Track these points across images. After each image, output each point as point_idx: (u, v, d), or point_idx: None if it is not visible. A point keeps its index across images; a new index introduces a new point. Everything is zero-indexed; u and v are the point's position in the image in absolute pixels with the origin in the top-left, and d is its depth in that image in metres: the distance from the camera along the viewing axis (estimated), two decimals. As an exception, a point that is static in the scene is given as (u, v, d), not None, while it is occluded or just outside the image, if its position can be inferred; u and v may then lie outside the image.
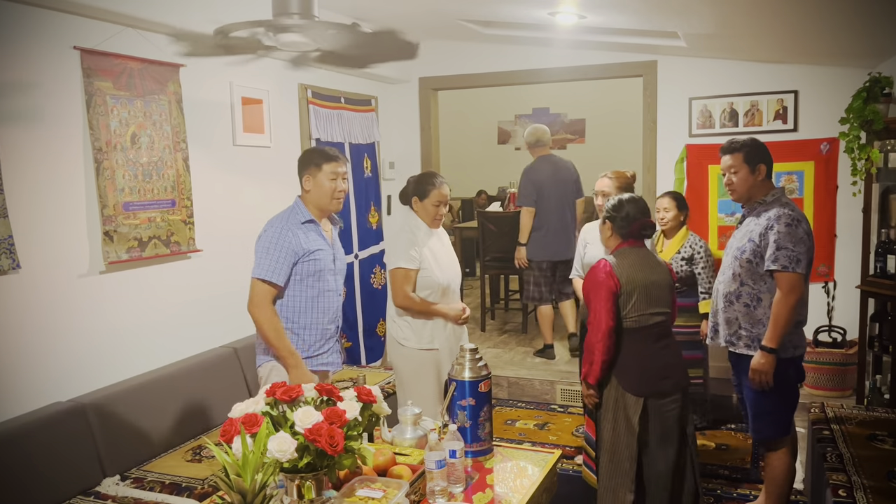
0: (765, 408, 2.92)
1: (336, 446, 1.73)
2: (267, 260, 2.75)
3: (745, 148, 2.91)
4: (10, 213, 2.75)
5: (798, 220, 2.80)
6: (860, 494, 2.54)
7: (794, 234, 2.77)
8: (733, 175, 2.94)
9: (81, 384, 3.05)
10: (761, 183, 2.93)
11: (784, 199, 2.90)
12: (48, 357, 2.95)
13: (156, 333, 3.46)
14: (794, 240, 2.76)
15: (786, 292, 2.77)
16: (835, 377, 4.60)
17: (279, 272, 2.75)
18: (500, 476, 2.33)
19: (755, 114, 4.86)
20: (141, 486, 2.84)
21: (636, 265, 2.78)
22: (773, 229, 2.79)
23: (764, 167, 2.92)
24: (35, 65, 2.88)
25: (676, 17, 3.92)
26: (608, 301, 2.70)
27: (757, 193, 2.94)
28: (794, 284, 2.76)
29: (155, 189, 3.41)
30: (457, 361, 2.50)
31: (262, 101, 4.19)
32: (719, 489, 3.60)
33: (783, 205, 2.86)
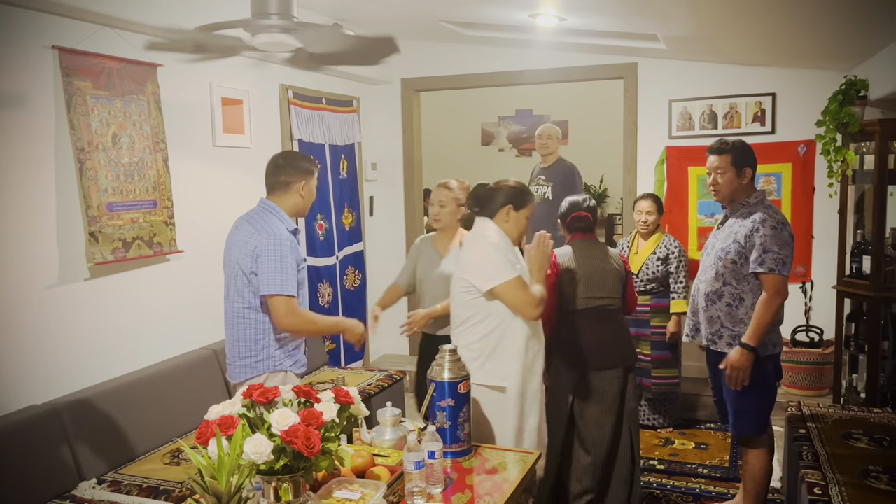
0: (745, 406, 2.96)
1: (313, 448, 1.73)
2: (284, 275, 2.59)
3: (734, 150, 2.94)
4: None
5: (782, 223, 2.85)
6: (835, 492, 2.58)
7: (780, 238, 2.81)
8: (719, 176, 2.96)
9: (59, 387, 3.02)
10: (745, 186, 2.96)
11: (767, 201, 2.95)
12: (24, 359, 2.92)
13: (135, 335, 3.43)
14: (779, 243, 2.80)
15: (772, 294, 2.81)
16: (812, 376, 4.66)
17: (295, 284, 2.63)
18: (479, 477, 2.34)
19: (734, 116, 4.91)
20: (118, 489, 2.82)
21: (581, 256, 3.09)
22: (759, 232, 2.82)
23: (750, 171, 2.95)
24: (12, 64, 2.85)
25: (656, 20, 3.95)
26: (551, 287, 2.95)
27: (740, 195, 2.97)
28: (779, 287, 2.81)
29: (137, 189, 3.38)
30: (436, 362, 2.50)
31: (243, 102, 4.18)
32: (698, 488, 3.63)
33: (767, 207, 2.90)
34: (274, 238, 2.60)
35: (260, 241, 2.60)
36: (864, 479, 2.68)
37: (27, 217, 2.92)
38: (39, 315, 2.98)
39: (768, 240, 2.80)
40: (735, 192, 2.97)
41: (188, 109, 3.77)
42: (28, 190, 2.93)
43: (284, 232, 2.65)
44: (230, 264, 2.71)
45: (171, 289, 3.64)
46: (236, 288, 2.67)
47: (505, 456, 2.50)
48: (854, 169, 4.21)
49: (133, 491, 2.79)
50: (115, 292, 3.33)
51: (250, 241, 2.63)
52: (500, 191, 2.77)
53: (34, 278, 2.96)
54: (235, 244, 2.69)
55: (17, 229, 2.89)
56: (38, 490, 2.70)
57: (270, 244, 2.59)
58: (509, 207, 2.73)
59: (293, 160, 2.82)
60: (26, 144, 2.92)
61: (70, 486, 2.81)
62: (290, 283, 2.59)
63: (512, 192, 2.77)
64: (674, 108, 5.04)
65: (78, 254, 3.12)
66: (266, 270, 2.57)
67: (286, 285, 2.58)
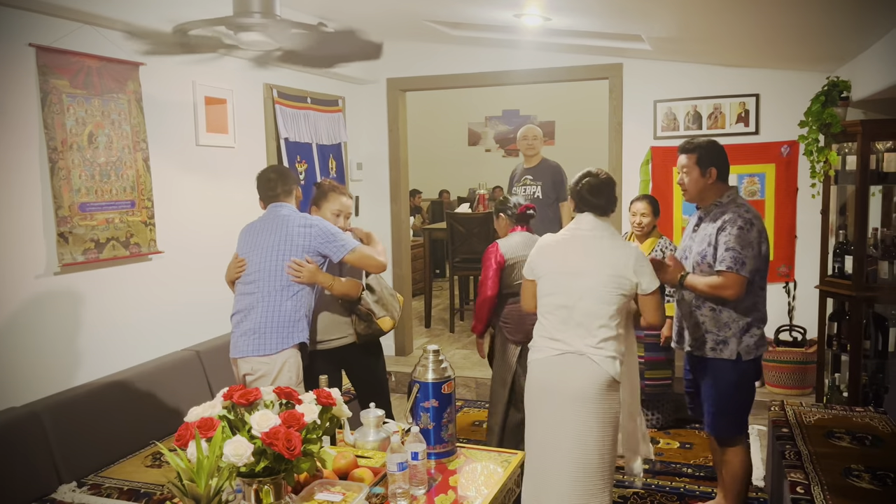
0: (726, 407, 2.96)
1: (293, 450, 1.71)
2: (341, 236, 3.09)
3: (699, 150, 2.93)
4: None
5: (751, 222, 2.83)
6: (817, 491, 2.59)
7: (745, 238, 2.80)
8: (685, 175, 2.98)
9: (37, 389, 2.98)
10: (713, 185, 2.94)
11: (739, 200, 2.93)
12: (1, 362, 2.87)
13: (115, 336, 3.39)
14: (742, 243, 2.80)
15: (725, 285, 2.80)
16: (795, 375, 4.69)
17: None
18: (462, 478, 2.33)
19: (718, 116, 4.94)
20: (98, 492, 2.78)
21: (520, 245, 3.56)
22: (725, 231, 2.83)
23: (714, 171, 2.92)
24: (-11, 62, 2.81)
25: (640, 21, 3.97)
26: (495, 273, 3.54)
27: (710, 195, 2.96)
28: (732, 283, 2.79)
29: (113, 189, 3.34)
30: (420, 363, 2.49)
31: (226, 101, 4.14)
32: (682, 487, 3.64)
33: (738, 206, 2.89)
34: (320, 221, 3.07)
35: (316, 228, 3.01)
36: (846, 477, 2.69)
37: (5, 216, 2.88)
38: (15, 316, 2.94)
39: (732, 239, 2.80)
40: (703, 191, 2.96)
41: (171, 109, 3.73)
42: (5, 189, 2.89)
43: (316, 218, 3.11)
44: (272, 251, 2.99)
45: (152, 290, 3.61)
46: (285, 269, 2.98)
47: (489, 457, 2.50)
48: (836, 169, 4.24)
49: (113, 494, 2.76)
50: (94, 293, 3.29)
51: (303, 232, 3.00)
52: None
53: (7, 279, 2.91)
54: (280, 238, 2.99)
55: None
56: (16, 493, 2.66)
57: (322, 225, 3.04)
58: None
59: (286, 171, 3.22)
60: (5, 143, 2.87)
61: (49, 489, 2.78)
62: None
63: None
64: (659, 108, 5.05)
65: (51, 254, 3.07)
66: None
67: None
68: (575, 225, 2.79)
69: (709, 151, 2.93)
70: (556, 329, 2.69)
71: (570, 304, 2.67)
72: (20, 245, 2.96)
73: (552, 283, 2.73)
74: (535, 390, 2.73)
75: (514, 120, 10.36)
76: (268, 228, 3.05)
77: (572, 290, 2.67)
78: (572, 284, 2.68)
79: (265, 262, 2.99)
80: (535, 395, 2.74)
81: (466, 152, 10.61)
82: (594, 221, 2.75)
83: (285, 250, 2.98)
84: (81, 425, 2.97)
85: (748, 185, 4.89)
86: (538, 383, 2.72)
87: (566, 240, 2.79)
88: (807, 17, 3.42)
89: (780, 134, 4.80)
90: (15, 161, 2.93)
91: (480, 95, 9.57)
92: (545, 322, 2.74)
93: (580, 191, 2.76)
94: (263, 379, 2.90)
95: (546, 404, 2.68)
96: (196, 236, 3.88)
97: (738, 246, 2.79)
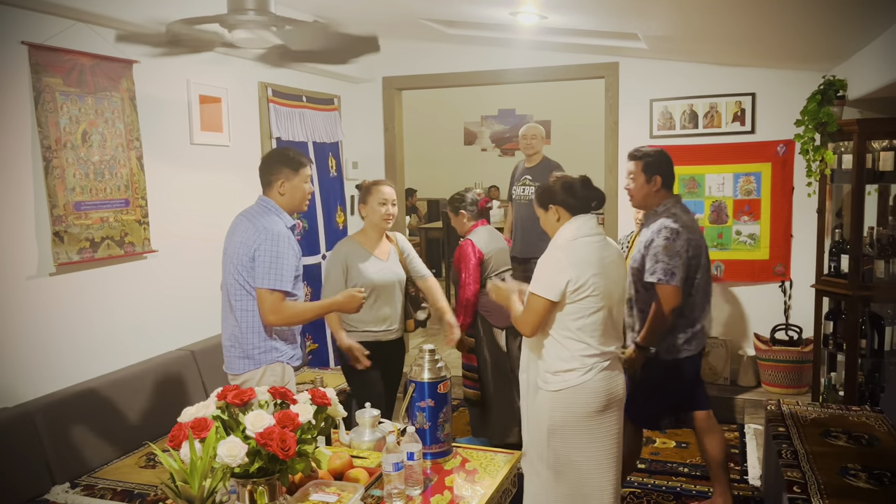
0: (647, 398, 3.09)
1: (288, 450, 1.70)
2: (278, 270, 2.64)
3: (645, 158, 3.08)
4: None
5: (678, 232, 2.94)
6: (814, 490, 2.58)
7: (671, 248, 2.92)
8: (631, 181, 3.12)
9: (30, 389, 2.95)
10: (656, 193, 3.08)
11: (673, 209, 3.04)
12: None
13: (109, 336, 3.37)
14: (669, 253, 2.91)
15: (661, 303, 2.94)
16: (791, 375, 4.68)
17: (290, 279, 2.69)
18: (458, 478, 2.32)
19: (714, 115, 4.93)
20: (92, 493, 2.76)
21: (489, 239, 3.89)
22: (654, 242, 2.96)
23: (659, 178, 3.06)
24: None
25: (636, 19, 3.96)
26: (475, 268, 3.78)
27: (652, 202, 3.10)
28: (668, 296, 2.92)
29: (108, 188, 3.32)
30: (415, 363, 2.48)
31: (221, 100, 4.12)
32: (679, 486, 3.64)
33: (669, 216, 3.00)
34: (270, 234, 2.65)
35: (257, 238, 2.65)
36: (843, 476, 2.69)
37: None
38: (9, 316, 2.92)
39: (660, 250, 2.93)
40: (646, 198, 3.09)
41: (165, 107, 3.71)
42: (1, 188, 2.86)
43: (282, 228, 2.70)
44: (230, 259, 2.73)
45: (146, 289, 3.58)
46: (236, 282, 2.70)
47: (485, 457, 2.48)
48: (833, 168, 4.24)
49: (107, 495, 2.74)
50: (88, 292, 3.27)
51: (249, 237, 2.68)
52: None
53: (3, 279, 2.89)
54: (235, 240, 2.73)
55: (-13, 228, 2.82)
56: (9, 494, 2.64)
57: (267, 240, 2.64)
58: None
59: (277, 157, 2.86)
60: None
61: (42, 490, 2.76)
62: (285, 279, 2.65)
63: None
64: (655, 107, 5.05)
65: (45, 254, 3.05)
66: (260, 265, 2.63)
67: (278, 280, 2.63)
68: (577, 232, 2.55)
69: (654, 159, 3.08)
70: (599, 342, 2.52)
71: (613, 313, 2.56)
72: (14, 244, 2.93)
73: (599, 299, 2.48)
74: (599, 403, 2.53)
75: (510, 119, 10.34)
76: (237, 233, 2.75)
77: (613, 298, 2.54)
78: (613, 292, 2.54)
79: (224, 269, 2.77)
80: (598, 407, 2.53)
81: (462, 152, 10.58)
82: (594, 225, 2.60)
83: (231, 257, 2.72)
84: (75, 426, 2.94)
85: (744, 185, 4.89)
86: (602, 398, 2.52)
87: (589, 247, 2.53)
88: (803, 16, 3.41)
89: (776, 133, 4.79)
90: (8, 160, 2.90)
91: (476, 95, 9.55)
92: (589, 340, 2.50)
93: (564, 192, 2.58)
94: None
95: (609, 416, 2.57)
96: (190, 235, 3.86)
97: (665, 257, 2.92)
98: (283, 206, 2.78)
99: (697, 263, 3.00)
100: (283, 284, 2.64)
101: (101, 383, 3.16)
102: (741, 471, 3.83)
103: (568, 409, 2.50)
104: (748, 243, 4.92)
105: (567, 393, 2.50)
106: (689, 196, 4.99)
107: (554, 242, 2.59)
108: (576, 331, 2.48)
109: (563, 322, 2.49)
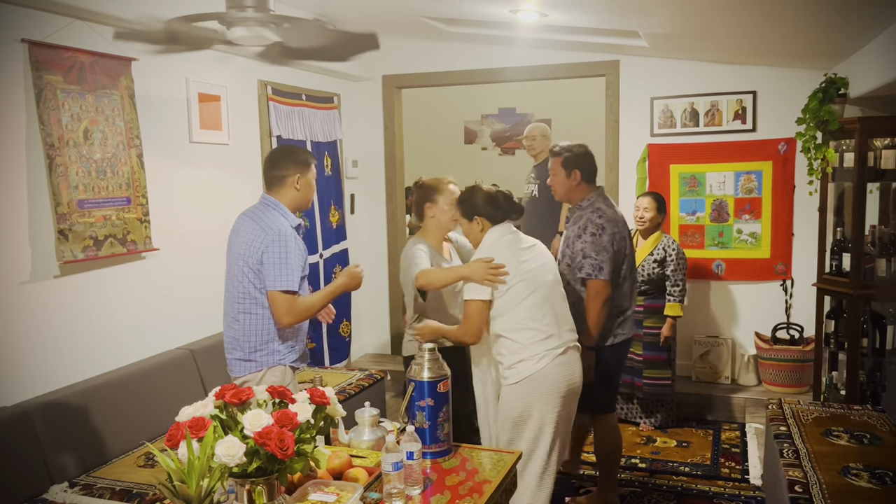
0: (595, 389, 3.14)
1: (286, 450, 1.68)
2: (288, 271, 2.63)
3: (564, 153, 3.17)
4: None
5: (603, 227, 3.04)
6: (816, 490, 2.57)
7: (598, 243, 3.02)
8: (553, 176, 3.21)
9: (28, 388, 2.94)
10: (577, 187, 3.16)
11: (597, 204, 3.12)
12: (-8, 360, 2.84)
13: (109, 334, 3.36)
14: (597, 248, 3.01)
15: (592, 296, 3.05)
16: (792, 374, 4.67)
17: (297, 279, 2.67)
18: (459, 477, 2.30)
19: (715, 114, 4.92)
20: (90, 492, 2.75)
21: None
22: (581, 238, 3.07)
23: (578, 173, 3.14)
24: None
25: (637, 17, 3.94)
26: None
27: (575, 197, 3.18)
28: (597, 290, 3.04)
29: (109, 186, 3.31)
30: (415, 361, 2.46)
31: (220, 98, 4.11)
32: (680, 486, 3.63)
33: (593, 211, 3.09)
34: (277, 234, 2.62)
35: (265, 239, 2.62)
36: (844, 476, 2.68)
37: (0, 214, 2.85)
38: (10, 314, 2.91)
39: (587, 246, 3.03)
40: (569, 193, 3.19)
41: (164, 105, 3.70)
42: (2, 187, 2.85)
43: (287, 228, 2.67)
44: (234, 260, 2.70)
45: (146, 287, 3.57)
46: (241, 284, 2.67)
47: (485, 456, 2.47)
48: (834, 167, 4.22)
49: (105, 494, 2.73)
50: (88, 291, 3.26)
51: (255, 238, 2.64)
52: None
53: (4, 277, 2.88)
54: (239, 241, 2.69)
55: (-14, 227, 2.81)
56: (7, 494, 2.63)
57: (274, 241, 2.61)
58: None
59: (288, 154, 2.84)
60: None
61: (41, 489, 2.75)
62: (293, 279, 2.63)
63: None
64: (656, 105, 5.03)
65: (49, 252, 3.04)
66: (270, 267, 2.61)
67: (289, 281, 2.62)
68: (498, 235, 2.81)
69: (574, 155, 3.16)
70: (546, 326, 2.72)
71: (550, 296, 2.76)
72: (16, 242, 2.92)
73: (529, 283, 2.72)
74: (557, 391, 2.72)
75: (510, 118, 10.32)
76: (241, 233, 2.71)
77: (544, 281, 2.76)
78: (540, 276, 2.76)
79: (228, 271, 2.74)
80: (556, 395, 2.72)
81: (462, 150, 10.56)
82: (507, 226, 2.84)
83: (236, 258, 2.69)
84: (73, 425, 2.93)
85: (745, 183, 4.87)
86: (561, 383, 2.73)
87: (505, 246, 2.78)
88: (804, 14, 3.40)
89: (777, 131, 4.78)
90: (9, 157, 2.89)
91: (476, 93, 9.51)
92: (536, 326, 2.71)
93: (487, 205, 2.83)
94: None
95: (570, 402, 2.79)
96: (190, 233, 3.85)
97: (593, 252, 3.02)
98: (289, 205, 2.75)
99: (623, 255, 3.11)
100: (294, 284, 2.63)
101: (99, 382, 3.15)
102: (742, 470, 3.82)
103: (529, 397, 2.69)
104: (749, 242, 4.90)
105: (525, 383, 2.69)
106: (690, 194, 4.98)
107: (478, 251, 2.80)
108: (520, 321, 2.68)
109: (505, 318, 2.70)
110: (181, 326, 3.75)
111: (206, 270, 3.83)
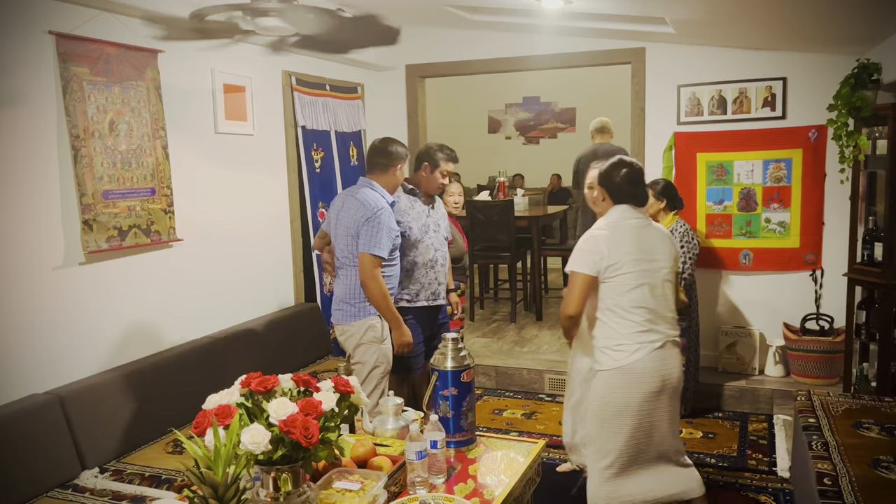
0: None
1: (311, 438, 1.69)
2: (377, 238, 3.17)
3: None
4: (-17, 201, 2.69)
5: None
6: (845, 483, 2.53)
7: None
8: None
9: (60, 376, 3.00)
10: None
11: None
12: (25, 348, 2.90)
13: (137, 324, 3.41)
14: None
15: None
16: (822, 365, 4.60)
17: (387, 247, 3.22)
18: (482, 466, 2.31)
19: (744, 101, 4.83)
20: (120, 478, 2.81)
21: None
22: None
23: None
24: (8, 50, 2.81)
25: (663, 3, 3.88)
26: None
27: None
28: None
29: (134, 177, 3.35)
30: (439, 351, 2.47)
31: (245, 89, 4.13)
32: (706, 477, 3.59)
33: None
34: (375, 208, 3.13)
35: (365, 212, 3.12)
36: (874, 468, 2.63)
37: (26, 204, 2.90)
38: (40, 304, 2.96)
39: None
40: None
41: (190, 96, 3.73)
42: (28, 177, 2.90)
43: (384, 203, 3.19)
44: (341, 230, 3.22)
45: (171, 277, 3.62)
46: (349, 247, 3.19)
47: (509, 445, 2.47)
48: (866, 154, 4.13)
49: (135, 480, 2.78)
50: (115, 280, 3.31)
51: (356, 211, 3.15)
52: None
53: (33, 267, 2.93)
54: (346, 212, 3.20)
55: (16, 216, 2.86)
56: (40, 479, 2.69)
57: (372, 213, 3.12)
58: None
59: (391, 145, 3.34)
60: (26, 131, 2.88)
61: (72, 475, 2.81)
62: (381, 246, 3.11)
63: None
64: (682, 93, 4.95)
65: (76, 241, 3.09)
66: (364, 235, 3.11)
67: (377, 246, 3.10)
68: (621, 216, 2.79)
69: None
70: (647, 320, 2.71)
71: (657, 293, 2.74)
72: (44, 232, 2.97)
73: (637, 276, 2.70)
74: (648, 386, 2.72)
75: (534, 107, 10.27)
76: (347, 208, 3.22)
77: (656, 279, 2.74)
78: (656, 274, 2.74)
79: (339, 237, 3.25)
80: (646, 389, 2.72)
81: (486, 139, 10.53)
82: (637, 211, 2.82)
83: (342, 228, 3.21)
84: (103, 412, 2.99)
85: (774, 171, 4.78)
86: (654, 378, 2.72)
87: (628, 230, 2.75)
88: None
89: (807, 118, 4.68)
90: (36, 148, 2.94)
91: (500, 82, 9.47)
92: (631, 318, 2.71)
93: (620, 183, 2.80)
94: (350, 339, 3.24)
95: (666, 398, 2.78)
96: (215, 224, 3.89)
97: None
98: (385, 186, 3.27)
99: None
100: (381, 251, 3.11)
101: (129, 370, 3.20)
102: (769, 462, 3.77)
103: (622, 389, 2.69)
104: (778, 231, 4.82)
105: (618, 372, 2.69)
106: (717, 183, 4.90)
107: (597, 223, 2.81)
108: (620, 310, 2.69)
109: (606, 302, 2.72)
110: (206, 315, 3.80)
111: (230, 260, 3.87)
